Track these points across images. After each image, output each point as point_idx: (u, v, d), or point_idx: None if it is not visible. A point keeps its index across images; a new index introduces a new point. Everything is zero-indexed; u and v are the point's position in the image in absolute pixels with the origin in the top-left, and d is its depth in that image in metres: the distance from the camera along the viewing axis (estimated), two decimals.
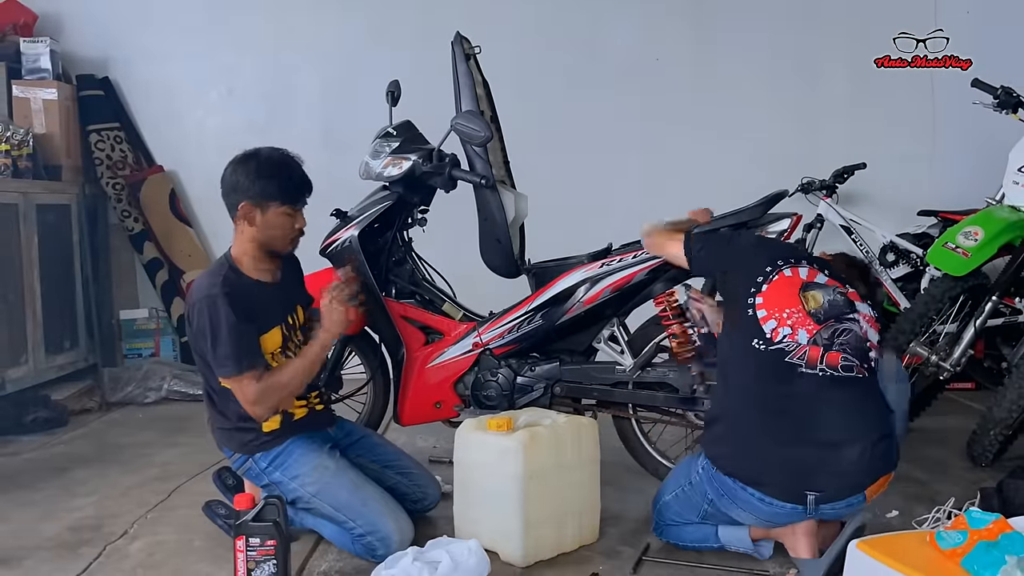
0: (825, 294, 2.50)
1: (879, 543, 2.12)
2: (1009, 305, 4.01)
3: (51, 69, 4.87)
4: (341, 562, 2.64)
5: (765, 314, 2.46)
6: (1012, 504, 2.75)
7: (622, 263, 3.10)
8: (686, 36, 5.35)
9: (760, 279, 2.52)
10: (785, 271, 2.52)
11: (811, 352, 2.41)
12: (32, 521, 3.03)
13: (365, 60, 5.20)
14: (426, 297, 3.39)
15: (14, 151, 4.45)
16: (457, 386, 3.27)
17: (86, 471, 3.59)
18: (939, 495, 2.98)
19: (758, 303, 2.48)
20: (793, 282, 2.51)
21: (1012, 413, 3.35)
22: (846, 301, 2.52)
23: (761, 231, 2.99)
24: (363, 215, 3.26)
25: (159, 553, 2.74)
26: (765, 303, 2.48)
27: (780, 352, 2.42)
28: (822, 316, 2.45)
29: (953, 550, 2.01)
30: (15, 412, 4.22)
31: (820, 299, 2.48)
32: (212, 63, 5.37)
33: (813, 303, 2.47)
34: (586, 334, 3.22)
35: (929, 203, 4.90)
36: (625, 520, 2.94)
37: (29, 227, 4.40)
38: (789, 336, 2.42)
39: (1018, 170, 3.56)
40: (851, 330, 2.46)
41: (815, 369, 2.40)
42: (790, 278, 2.51)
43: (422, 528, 2.85)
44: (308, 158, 5.39)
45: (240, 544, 2.32)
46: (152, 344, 5.27)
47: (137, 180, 5.18)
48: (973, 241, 3.40)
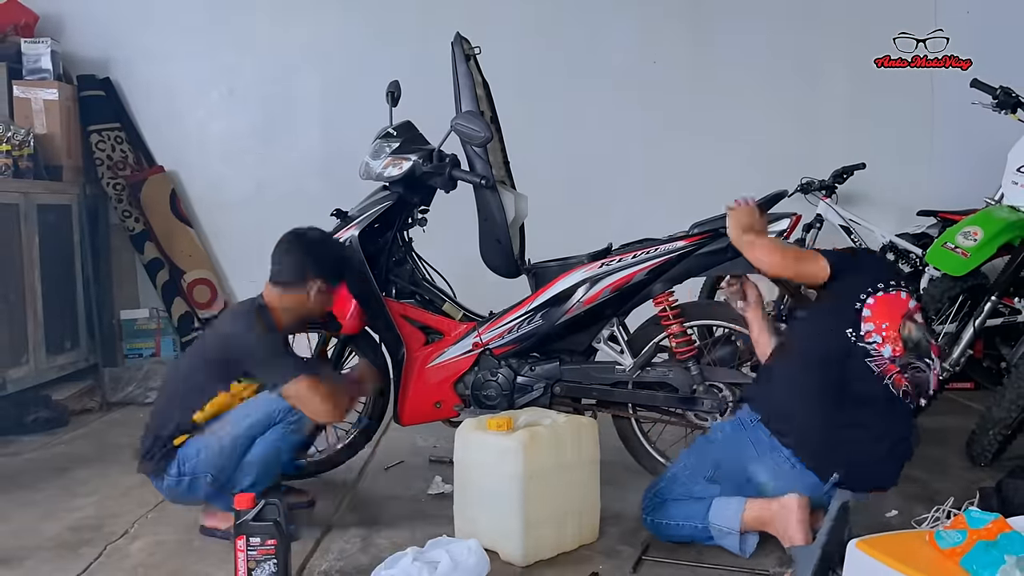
0: (920, 332, 2.64)
1: (879, 542, 2.12)
2: (1008, 305, 4.02)
3: (52, 69, 4.86)
4: (342, 562, 2.65)
5: (869, 314, 2.60)
6: (1011, 504, 2.75)
7: (621, 263, 3.10)
8: (685, 37, 5.36)
9: (880, 285, 2.65)
10: (901, 293, 2.66)
11: (888, 367, 2.57)
12: (33, 521, 3.04)
13: (365, 60, 5.21)
14: (426, 297, 3.40)
15: (15, 151, 4.45)
16: (457, 386, 3.28)
17: (87, 471, 3.59)
18: (938, 495, 2.99)
19: (868, 303, 2.62)
20: (902, 305, 2.65)
21: (1011, 413, 3.36)
22: (927, 343, 2.66)
23: None
24: (363, 215, 3.27)
25: (159, 553, 2.75)
26: (874, 308, 2.61)
27: (864, 351, 2.57)
28: (911, 347, 2.60)
29: (952, 549, 2.01)
30: (16, 412, 4.22)
31: (915, 334, 2.63)
32: (213, 63, 5.37)
33: (908, 333, 2.61)
34: (586, 334, 3.23)
35: (928, 203, 4.91)
36: (625, 519, 2.94)
37: (30, 227, 4.40)
38: (878, 345, 2.58)
39: (1017, 170, 3.57)
40: (924, 372, 2.62)
41: (883, 380, 2.56)
42: (903, 300, 2.66)
43: (422, 528, 2.87)
44: (308, 158, 5.47)
45: (240, 544, 2.33)
46: (153, 344, 5.28)
47: (138, 180, 5.18)
48: (972, 241, 3.41)
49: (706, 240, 3.04)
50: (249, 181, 5.36)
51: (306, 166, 5.34)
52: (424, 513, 3.06)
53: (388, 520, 2.99)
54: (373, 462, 3.66)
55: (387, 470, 3.56)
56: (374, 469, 3.58)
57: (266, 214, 5.30)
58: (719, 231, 3.00)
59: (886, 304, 2.63)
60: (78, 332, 4.85)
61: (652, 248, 3.09)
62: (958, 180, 4.98)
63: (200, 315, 5.25)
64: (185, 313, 5.24)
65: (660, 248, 3.08)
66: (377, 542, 2.79)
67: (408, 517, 3.02)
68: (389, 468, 3.58)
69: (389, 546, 2.72)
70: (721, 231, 2.99)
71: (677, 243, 3.06)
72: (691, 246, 3.04)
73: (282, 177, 5.33)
